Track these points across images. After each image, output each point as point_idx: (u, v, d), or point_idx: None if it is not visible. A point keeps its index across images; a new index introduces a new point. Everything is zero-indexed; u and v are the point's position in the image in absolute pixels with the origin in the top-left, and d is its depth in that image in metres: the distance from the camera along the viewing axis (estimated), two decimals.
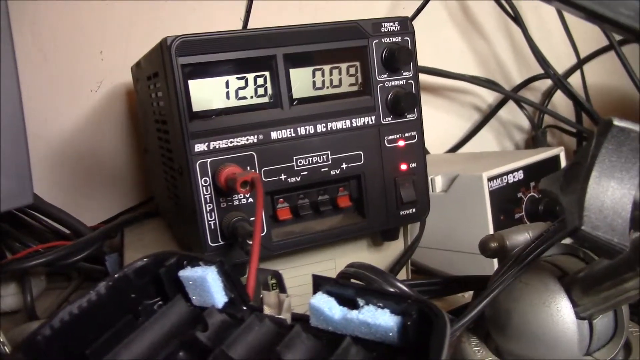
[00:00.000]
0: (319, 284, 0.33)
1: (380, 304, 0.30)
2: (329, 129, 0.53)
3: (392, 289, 0.42)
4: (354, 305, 0.31)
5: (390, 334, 0.29)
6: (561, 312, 0.37)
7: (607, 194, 0.28)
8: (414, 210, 0.57)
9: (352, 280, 0.44)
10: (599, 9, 0.25)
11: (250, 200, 0.51)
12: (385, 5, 0.95)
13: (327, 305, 0.31)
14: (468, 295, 0.57)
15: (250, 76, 0.50)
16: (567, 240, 0.41)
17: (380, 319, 0.30)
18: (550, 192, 0.33)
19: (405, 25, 0.55)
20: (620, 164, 0.29)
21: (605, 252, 0.29)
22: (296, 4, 0.89)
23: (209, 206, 0.49)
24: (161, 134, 0.59)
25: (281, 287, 0.47)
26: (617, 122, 0.29)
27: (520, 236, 0.43)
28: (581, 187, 0.29)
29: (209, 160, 0.49)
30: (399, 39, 0.55)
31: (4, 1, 0.37)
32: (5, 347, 0.47)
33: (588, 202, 0.28)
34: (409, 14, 0.87)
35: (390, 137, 0.55)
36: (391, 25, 0.54)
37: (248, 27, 0.85)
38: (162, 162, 0.61)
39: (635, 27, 0.25)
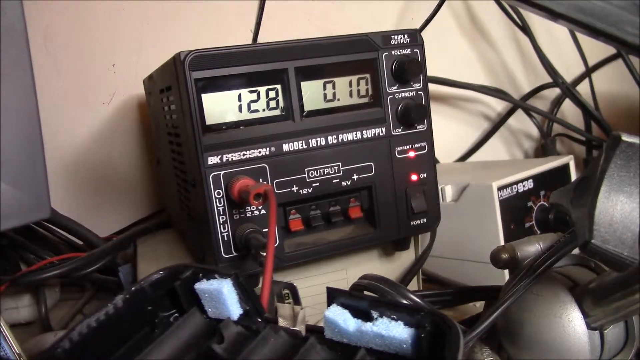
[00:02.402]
0: (333, 296, 0.33)
1: (394, 316, 0.31)
2: (340, 140, 0.54)
3: (405, 301, 0.43)
4: (368, 318, 0.32)
5: (404, 345, 0.30)
6: (572, 323, 0.38)
7: (617, 208, 0.29)
8: (424, 220, 0.57)
9: (366, 293, 0.44)
10: (606, 28, 0.25)
11: (263, 211, 0.51)
12: (394, 16, 0.96)
13: (342, 318, 0.32)
14: (479, 304, 0.58)
15: (262, 89, 0.51)
16: (577, 251, 0.41)
17: (394, 331, 0.30)
18: (560, 205, 0.33)
19: (415, 37, 0.55)
20: (629, 179, 0.29)
21: (615, 265, 0.29)
22: (305, 16, 0.90)
23: (222, 218, 0.50)
24: (174, 147, 0.59)
25: (296, 299, 0.48)
26: (625, 137, 0.29)
27: (531, 247, 0.43)
28: (591, 202, 0.29)
29: (222, 172, 0.49)
30: (408, 51, 0.55)
31: (21, 18, 0.38)
32: (22, 358, 0.47)
33: (598, 216, 0.29)
34: (418, 25, 0.88)
35: (401, 148, 0.56)
36: (401, 38, 0.55)
37: (258, 40, 0.86)
38: (175, 174, 0.62)
39: None
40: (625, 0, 0.25)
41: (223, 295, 0.35)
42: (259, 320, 0.35)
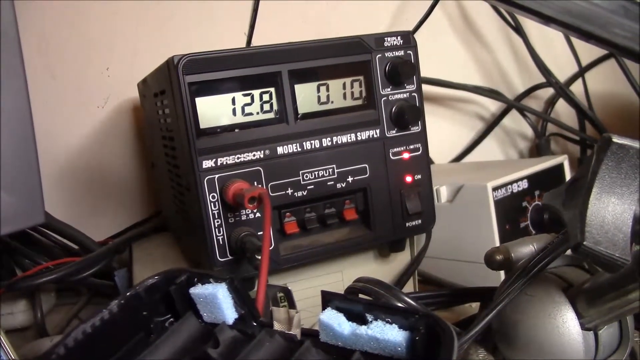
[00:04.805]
0: (328, 299, 0.33)
1: (389, 319, 0.31)
2: (334, 143, 0.54)
3: (400, 304, 0.43)
4: (362, 321, 0.32)
5: (399, 348, 0.30)
6: (567, 324, 0.38)
7: (608, 209, 0.29)
8: (419, 221, 0.58)
9: (361, 295, 0.44)
10: (595, 31, 0.25)
11: (258, 214, 0.51)
12: (388, 17, 0.96)
13: (337, 321, 0.32)
14: (475, 305, 0.58)
15: (256, 92, 0.51)
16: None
17: (388, 334, 0.30)
18: (553, 207, 0.33)
19: (408, 39, 0.56)
20: (620, 180, 0.29)
21: (607, 266, 0.29)
22: (299, 17, 0.90)
23: (217, 221, 0.50)
24: (168, 150, 0.59)
25: (290, 302, 0.48)
26: (616, 139, 0.30)
27: (525, 248, 0.43)
28: (582, 203, 0.29)
29: (217, 176, 0.49)
30: (401, 53, 0.55)
31: (14, 22, 0.38)
32: None
33: (589, 217, 0.29)
34: (412, 25, 0.88)
35: (395, 149, 0.56)
36: (394, 40, 0.55)
37: (252, 42, 0.86)
38: (170, 177, 0.62)
39: (633, 47, 0.25)
40: (613, 2, 0.25)
41: (218, 300, 0.35)
42: (254, 324, 0.36)
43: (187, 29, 0.84)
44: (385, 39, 0.55)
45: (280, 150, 0.52)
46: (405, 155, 0.56)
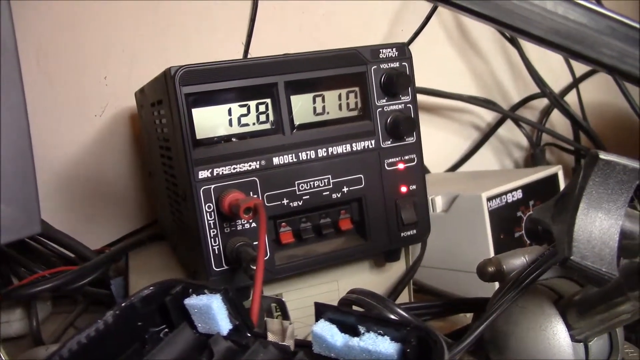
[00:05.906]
0: (321, 311, 0.34)
1: (381, 331, 0.31)
2: (329, 153, 0.54)
3: (392, 316, 0.43)
4: (355, 332, 0.32)
5: None
6: (557, 336, 0.38)
7: (595, 224, 0.30)
8: (414, 231, 0.58)
9: (354, 307, 0.45)
10: (583, 50, 0.26)
11: (254, 224, 0.51)
12: (384, 27, 0.96)
13: (329, 333, 0.32)
14: (469, 314, 0.58)
15: (252, 103, 0.52)
16: None
17: (380, 345, 0.31)
18: (542, 221, 0.34)
19: (403, 51, 0.56)
20: (607, 196, 0.30)
21: (594, 280, 0.30)
22: (296, 27, 0.91)
23: (213, 231, 0.50)
24: (165, 160, 0.60)
25: (284, 314, 0.48)
26: (603, 156, 0.30)
27: (517, 260, 0.43)
28: (570, 218, 0.30)
29: (213, 186, 0.50)
30: (397, 64, 0.56)
31: (11, 29, 0.38)
32: None
33: (577, 232, 0.29)
34: (408, 36, 0.89)
35: (390, 160, 0.56)
36: (389, 52, 0.56)
37: (249, 51, 0.87)
38: (166, 186, 0.62)
39: (619, 66, 0.26)
40: (600, 23, 0.25)
41: (212, 311, 0.35)
42: (249, 335, 0.36)
43: (185, 37, 0.84)
44: (381, 50, 0.55)
45: (276, 160, 0.52)
46: (401, 166, 0.57)
